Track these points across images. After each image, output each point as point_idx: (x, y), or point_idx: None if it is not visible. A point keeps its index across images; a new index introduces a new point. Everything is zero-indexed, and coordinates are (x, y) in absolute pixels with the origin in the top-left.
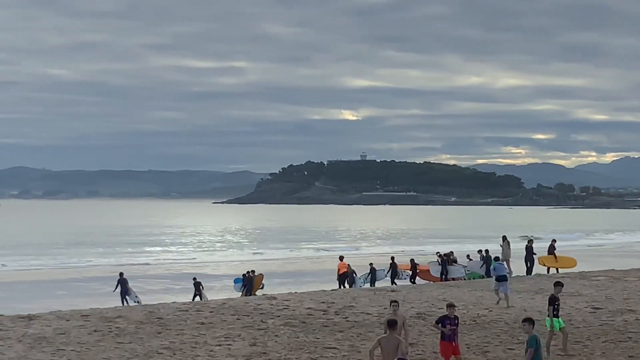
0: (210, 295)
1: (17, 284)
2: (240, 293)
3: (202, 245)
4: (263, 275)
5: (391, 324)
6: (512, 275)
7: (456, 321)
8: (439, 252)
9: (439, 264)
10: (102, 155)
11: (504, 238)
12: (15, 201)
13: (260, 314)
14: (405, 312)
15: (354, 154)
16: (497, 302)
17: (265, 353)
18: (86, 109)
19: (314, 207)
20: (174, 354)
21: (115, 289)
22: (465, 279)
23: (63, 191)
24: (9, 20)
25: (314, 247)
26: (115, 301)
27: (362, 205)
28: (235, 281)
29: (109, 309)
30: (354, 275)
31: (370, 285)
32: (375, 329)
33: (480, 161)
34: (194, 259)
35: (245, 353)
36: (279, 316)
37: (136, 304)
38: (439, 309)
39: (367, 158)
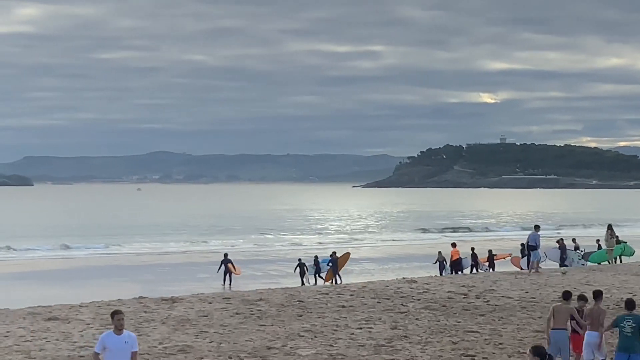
0: (348, 279)
1: (160, 267)
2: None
3: (342, 228)
4: (349, 254)
5: (566, 296)
6: None
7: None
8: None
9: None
10: (241, 139)
11: (610, 227)
12: (156, 185)
13: (401, 297)
14: (547, 295)
15: (492, 137)
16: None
17: (406, 336)
18: (226, 94)
19: (452, 191)
20: (315, 337)
21: (219, 269)
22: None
23: (203, 175)
24: (149, 7)
25: (442, 230)
26: (256, 284)
27: (501, 189)
28: (323, 261)
29: (250, 291)
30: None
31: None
32: (516, 313)
33: (622, 144)
34: (332, 242)
35: (387, 336)
36: (419, 299)
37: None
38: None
39: (507, 141)
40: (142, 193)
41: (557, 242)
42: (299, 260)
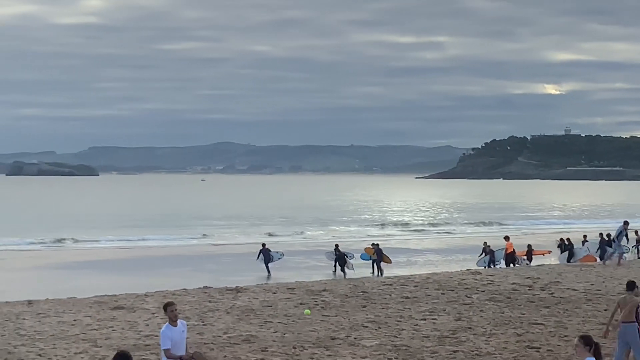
0: (413, 270)
1: (224, 257)
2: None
3: (404, 219)
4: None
5: (630, 286)
6: None
7: None
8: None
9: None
10: (305, 130)
11: None
12: (220, 176)
13: (465, 288)
14: (613, 288)
15: (557, 128)
16: None
17: (470, 328)
18: (290, 85)
19: (516, 182)
20: (379, 328)
21: (257, 257)
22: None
23: (267, 166)
24: None
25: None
26: (319, 275)
27: (565, 181)
28: (362, 257)
29: (314, 282)
30: (573, 247)
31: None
32: (582, 305)
33: None
34: (395, 234)
35: (451, 327)
36: (483, 291)
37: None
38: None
39: (571, 133)
40: (206, 183)
41: (600, 234)
42: (336, 245)
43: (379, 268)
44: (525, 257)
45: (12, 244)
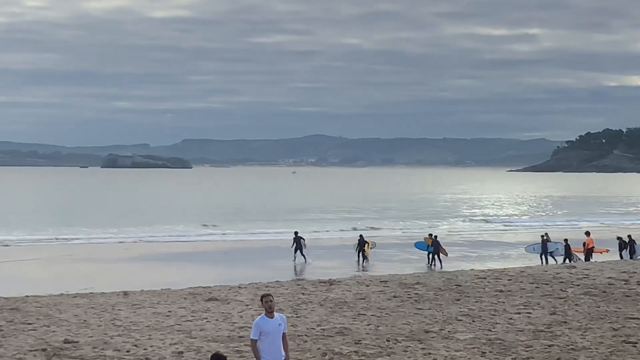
0: (507, 264)
1: (316, 250)
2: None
3: (493, 213)
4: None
5: None
6: None
7: None
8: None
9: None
10: (397, 123)
11: None
12: (311, 168)
13: (560, 282)
14: None
15: None
16: None
17: (565, 322)
18: (382, 78)
19: (612, 176)
20: (473, 321)
21: (293, 245)
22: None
23: (359, 159)
24: None
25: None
26: (411, 268)
27: None
28: (416, 245)
29: (407, 275)
30: (635, 244)
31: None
32: None
33: None
34: (488, 228)
35: (545, 321)
36: (578, 285)
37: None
38: None
39: None
40: (297, 176)
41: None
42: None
43: (439, 259)
44: (583, 254)
45: (106, 235)
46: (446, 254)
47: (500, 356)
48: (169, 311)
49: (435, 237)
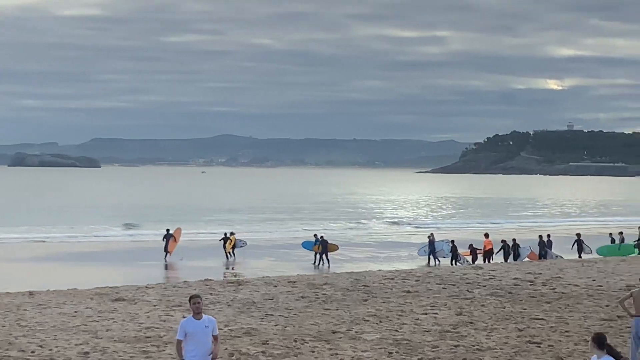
0: (415, 265)
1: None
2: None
3: (402, 214)
4: (337, 247)
5: None
6: None
7: None
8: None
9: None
10: (308, 123)
11: None
12: (221, 168)
13: (467, 283)
14: (614, 284)
15: (559, 123)
16: None
17: (471, 322)
18: (293, 78)
19: (519, 177)
20: (381, 322)
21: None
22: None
23: (269, 159)
24: None
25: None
26: (323, 268)
27: (568, 176)
28: (303, 245)
29: (315, 275)
30: (519, 247)
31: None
32: (583, 301)
33: None
34: (396, 230)
35: (452, 322)
36: (485, 286)
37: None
38: None
39: (574, 128)
40: (206, 176)
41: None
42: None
43: (327, 259)
44: (470, 257)
45: (12, 235)
46: (336, 248)
47: (406, 356)
48: (75, 311)
49: (322, 237)
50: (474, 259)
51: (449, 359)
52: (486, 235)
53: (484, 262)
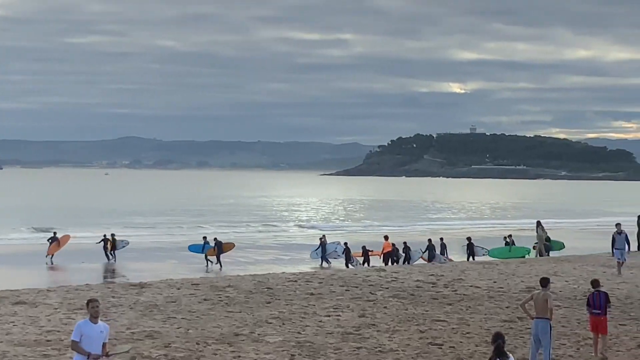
0: (318, 267)
1: (128, 252)
2: None
3: (304, 217)
4: (234, 245)
5: (543, 282)
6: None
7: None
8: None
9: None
10: (212, 126)
11: (538, 223)
12: (125, 170)
13: (369, 285)
14: (515, 285)
15: (462, 127)
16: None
17: (374, 324)
18: (197, 80)
19: (422, 180)
20: (283, 324)
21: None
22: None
23: (173, 161)
24: None
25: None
26: (223, 271)
27: (470, 179)
28: (190, 248)
29: (219, 278)
30: (410, 250)
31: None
32: (484, 302)
33: (590, 135)
34: (297, 230)
35: (354, 324)
36: (387, 288)
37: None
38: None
39: (476, 131)
40: (109, 178)
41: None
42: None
43: (219, 261)
44: (362, 259)
45: None
46: (233, 246)
47: (309, 359)
48: None
49: (215, 239)
50: (365, 261)
51: None
52: (386, 238)
53: (384, 264)
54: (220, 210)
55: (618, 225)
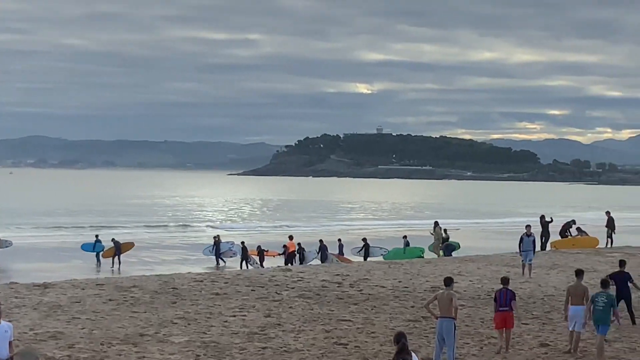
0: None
1: (32, 252)
2: None
3: (213, 216)
4: (133, 245)
5: (447, 282)
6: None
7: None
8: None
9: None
10: (119, 125)
11: (436, 224)
12: (30, 170)
13: (275, 285)
14: (420, 285)
15: (369, 127)
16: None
17: (279, 324)
18: (105, 79)
19: (328, 180)
20: (189, 324)
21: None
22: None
23: (79, 161)
24: None
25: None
26: (129, 271)
27: (377, 179)
28: (83, 247)
29: (124, 278)
30: (304, 251)
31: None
32: (389, 302)
33: (495, 136)
34: (207, 229)
35: (260, 324)
36: (293, 288)
37: None
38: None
39: (383, 132)
40: (14, 177)
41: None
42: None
43: (119, 261)
44: (257, 257)
45: None
46: (132, 246)
47: (214, 359)
48: None
49: (113, 239)
50: (261, 260)
51: None
52: (290, 238)
53: (286, 264)
54: (126, 211)
55: (528, 227)
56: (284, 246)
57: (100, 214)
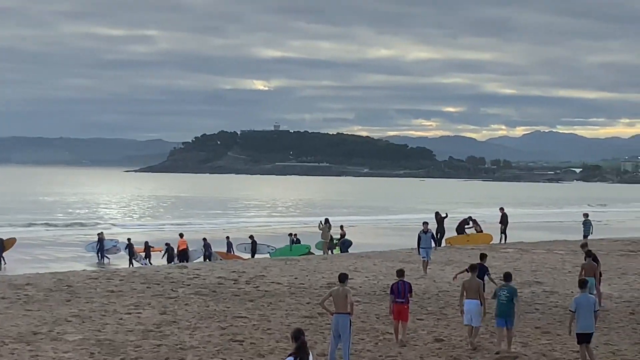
0: (122, 264)
1: None
2: None
3: (111, 213)
4: (15, 240)
5: (342, 278)
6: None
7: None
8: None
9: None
10: (13, 121)
11: (326, 221)
12: None
13: (171, 282)
14: (316, 282)
15: (266, 124)
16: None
17: (175, 322)
18: None
19: (226, 177)
20: (83, 322)
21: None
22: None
23: None
24: None
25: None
26: (24, 268)
27: (274, 176)
28: None
29: (17, 276)
30: (188, 250)
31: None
32: (285, 299)
33: (391, 133)
34: (103, 227)
35: (155, 321)
36: (189, 285)
37: None
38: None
39: (280, 128)
40: None
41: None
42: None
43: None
44: (144, 254)
45: None
46: (14, 242)
47: (109, 357)
48: None
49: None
50: (147, 256)
51: (152, 358)
52: (181, 235)
53: (179, 261)
54: (20, 208)
55: (425, 224)
56: (167, 244)
57: None
